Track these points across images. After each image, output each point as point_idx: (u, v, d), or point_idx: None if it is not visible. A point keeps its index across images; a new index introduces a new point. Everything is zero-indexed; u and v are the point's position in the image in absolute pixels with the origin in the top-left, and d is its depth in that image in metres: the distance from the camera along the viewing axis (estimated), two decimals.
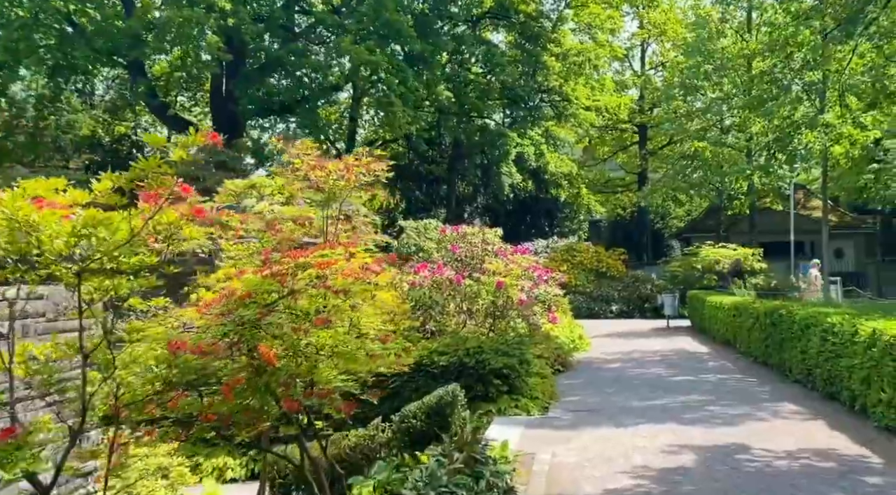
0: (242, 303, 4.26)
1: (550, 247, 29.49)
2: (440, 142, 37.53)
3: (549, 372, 11.88)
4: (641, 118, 39.17)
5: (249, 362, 4.25)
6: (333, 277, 4.71)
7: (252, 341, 4.18)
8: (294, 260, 4.48)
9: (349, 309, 5.40)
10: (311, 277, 4.51)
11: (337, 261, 4.59)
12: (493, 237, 16.22)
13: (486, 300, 13.28)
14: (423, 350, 9.79)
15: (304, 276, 4.45)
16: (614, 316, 25.56)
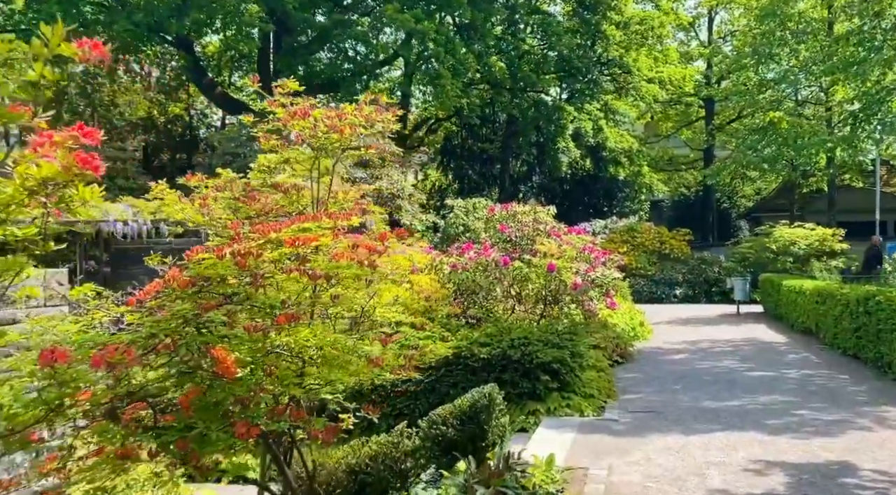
0: (184, 292, 3.19)
1: (609, 227, 27.94)
2: (494, 119, 36.15)
3: (607, 365, 10.63)
4: (708, 91, 36.86)
5: (198, 373, 3.18)
6: (315, 258, 3.60)
7: (193, 344, 3.10)
8: (264, 236, 3.37)
9: (355, 293, 4.32)
10: (282, 258, 3.41)
11: (319, 237, 3.46)
12: (545, 216, 14.96)
13: (537, 284, 12.08)
14: (462, 340, 8.68)
15: (273, 256, 3.34)
16: (678, 300, 23.96)
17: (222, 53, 33.43)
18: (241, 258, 3.17)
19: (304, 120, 4.69)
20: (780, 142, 25.94)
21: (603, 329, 12.14)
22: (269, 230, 3.39)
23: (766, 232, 21.96)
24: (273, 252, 3.30)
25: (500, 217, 15.13)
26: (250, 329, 3.17)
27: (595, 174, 36.32)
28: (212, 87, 26.95)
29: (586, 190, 37.08)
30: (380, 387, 8.37)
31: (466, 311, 10.86)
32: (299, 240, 3.30)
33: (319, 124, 4.76)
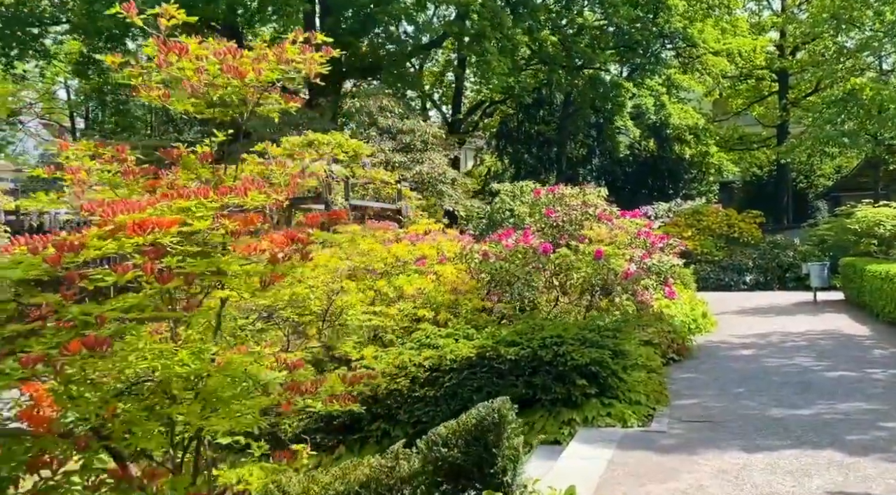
0: None
1: (673, 210, 26.32)
2: (551, 100, 34.73)
3: (659, 364, 9.42)
4: (781, 63, 34.50)
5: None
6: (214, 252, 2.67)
7: None
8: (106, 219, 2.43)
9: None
10: (123, 249, 2.47)
11: (170, 221, 2.49)
12: (594, 198, 13.73)
13: (583, 273, 10.94)
14: (488, 338, 7.67)
15: (111, 248, 2.40)
16: (748, 288, 22.26)
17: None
18: (56, 254, 2.24)
19: (184, 58, 3.65)
20: (861, 115, 23.84)
21: (657, 322, 10.91)
22: (121, 210, 2.44)
23: (846, 212, 20.06)
24: (114, 242, 2.35)
25: (546, 201, 13.99)
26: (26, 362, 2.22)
27: (659, 154, 34.52)
28: None
29: (650, 172, 35.31)
30: (395, 392, 7.46)
31: (499, 304, 9.82)
32: (148, 226, 2.34)
33: (207, 65, 3.73)
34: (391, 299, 8.42)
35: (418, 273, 9.11)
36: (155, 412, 2.44)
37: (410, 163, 16.07)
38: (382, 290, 8.50)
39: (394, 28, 23.52)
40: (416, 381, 7.47)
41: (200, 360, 2.45)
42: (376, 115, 16.41)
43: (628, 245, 13.67)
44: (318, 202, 11.23)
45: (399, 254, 8.90)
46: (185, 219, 2.52)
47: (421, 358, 7.53)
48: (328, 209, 11.15)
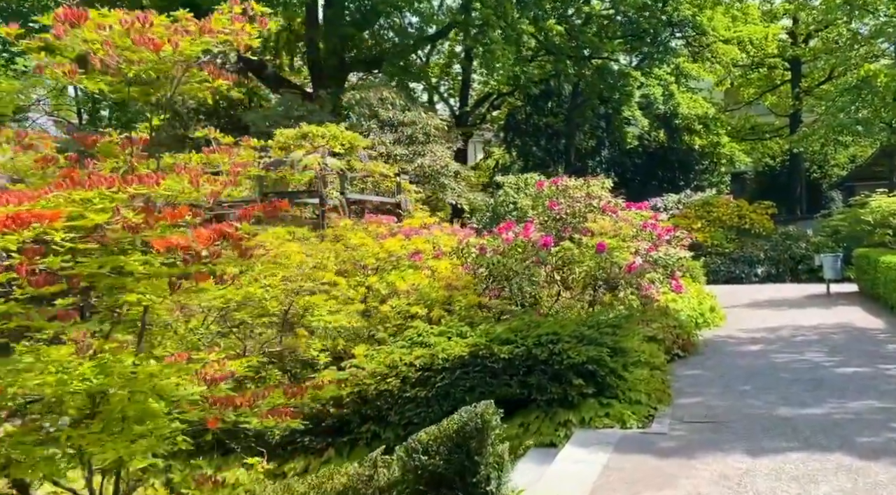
0: None
1: (683, 202, 25.86)
2: (559, 91, 34.27)
3: (663, 360, 9.10)
4: (794, 51, 33.82)
5: None
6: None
7: None
8: None
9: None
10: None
11: (53, 213, 2.20)
12: (598, 190, 13.38)
13: (585, 267, 10.61)
14: (481, 336, 7.37)
15: None
16: (759, 280, 21.84)
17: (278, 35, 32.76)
18: None
19: (84, 28, 3.24)
20: (875, 102, 23.28)
21: (662, 317, 10.57)
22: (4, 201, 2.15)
23: (860, 202, 19.58)
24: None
25: (550, 193, 13.66)
26: None
27: (669, 145, 34.01)
28: (262, 67, 26.25)
29: (660, 163, 34.81)
30: (385, 392, 7.18)
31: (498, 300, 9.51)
32: (27, 219, 2.05)
33: (113, 36, 3.33)
34: (383, 296, 8.14)
35: (413, 268, 8.83)
36: (50, 436, 2.16)
37: (412, 156, 15.76)
38: (374, 287, 8.23)
39: (398, 19, 23.19)
40: (406, 381, 7.19)
41: (106, 375, 2.16)
42: (377, 107, 16.09)
43: (634, 237, 13.34)
44: (313, 196, 10.96)
45: (392, 248, 8.62)
46: (82, 212, 2.24)
47: (412, 357, 7.25)
48: (322, 204, 10.88)
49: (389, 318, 8.05)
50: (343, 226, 8.88)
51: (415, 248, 8.86)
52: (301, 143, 10.75)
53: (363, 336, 8.05)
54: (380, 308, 7.94)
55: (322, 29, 21.87)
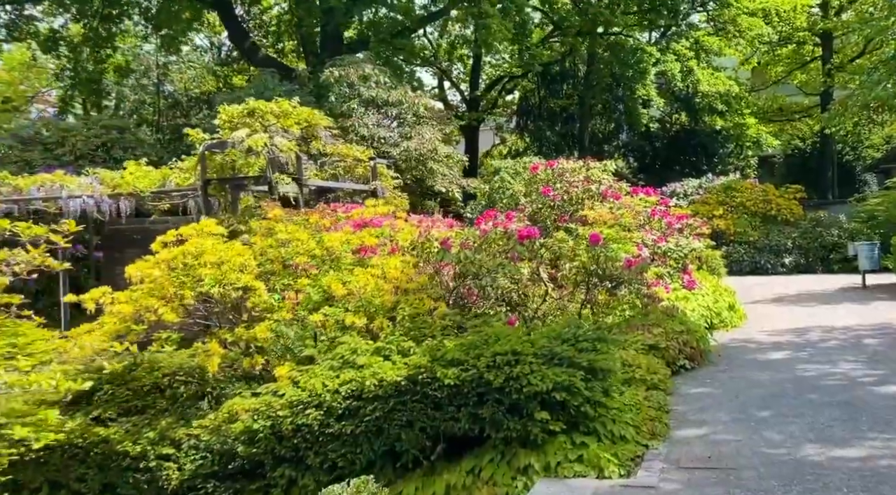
0: None
1: (704, 186, 24.04)
2: (575, 73, 32.48)
3: (664, 375, 7.52)
4: (825, 25, 31.59)
5: None
6: None
7: None
8: None
9: None
10: None
11: None
12: (599, 173, 11.84)
13: (578, 262, 9.07)
14: (424, 355, 5.86)
15: None
16: (787, 271, 20.02)
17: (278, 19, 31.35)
18: None
19: None
20: None
21: (667, 320, 8.96)
22: None
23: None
24: None
25: (544, 177, 12.13)
26: None
27: (691, 128, 32.08)
28: (255, 51, 24.87)
29: (681, 146, 32.88)
30: (304, 427, 5.72)
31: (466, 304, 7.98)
32: None
33: None
34: (315, 302, 6.67)
35: (360, 267, 7.35)
36: None
37: (399, 139, 14.26)
38: (305, 291, 6.76)
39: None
40: (331, 413, 5.73)
41: None
42: (358, 85, 14.60)
43: (641, 227, 11.78)
44: (261, 183, 9.51)
45: (331, 244, 7.13)
46: None
47: (337, 382, 5.78)
48: (272, 192, 9.43)
49: (325, 330, 6.57)
50: (272, 217, 7.42)
51: (360, 243, 7.36)
52: (247, 121, 9.28)
53: (295, 351, 6.59)
54: (309, 318, 6.47)
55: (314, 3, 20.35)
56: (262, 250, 6.91)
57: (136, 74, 32.28)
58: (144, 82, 33.63)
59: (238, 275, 6.40)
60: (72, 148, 14.19)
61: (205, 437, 6.14)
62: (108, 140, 14.76)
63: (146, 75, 33.59)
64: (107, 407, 6.79)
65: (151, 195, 10.77)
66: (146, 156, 14.78)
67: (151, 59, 33.14)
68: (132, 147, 14.78)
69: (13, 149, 14.15)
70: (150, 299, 6.35)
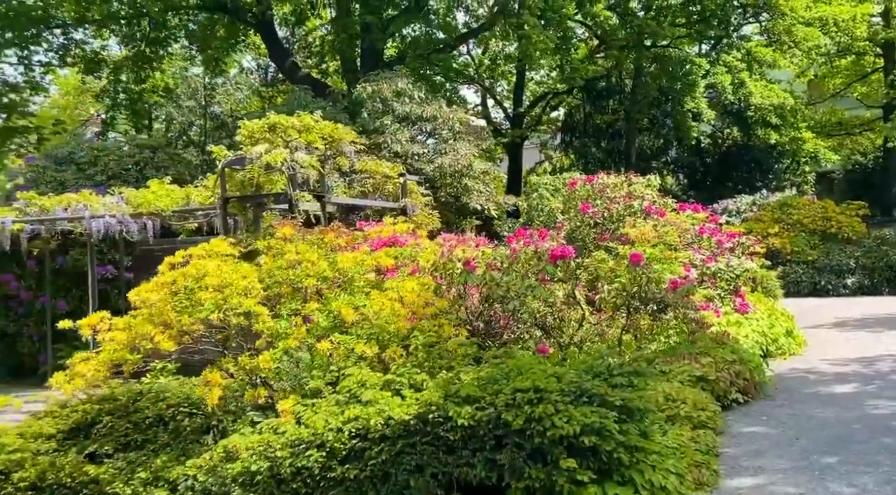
0: None
1: (758, 203, 22.92)
2: (621, 88, 31.67)
3: (713, 412, 6.73)
4: (887, 34, 30.16)
5: None
6: None
7: None
8: None
9: None
10: None
11: None
12: (642, 189, 11.14)
13: (617, 283, 8.37)
14: (436, 390, 5.25)
15: None
16: (850, 292, 18.76)
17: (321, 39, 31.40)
18: None
19: None
20: None
21: (717, 347, 8.15)
22: None
23: None
24: None
25: (583, 193, 11.46)
26: None
27: (744, 143, 30.86)
28: (295, 70, 24.79)
29: (733, 162, 31.64)
30: (304, 470, 5.15)
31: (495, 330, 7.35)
32: None
33: None
34: (324, 329, 6.12)
35: (376, 290, 6.79)
36: None
37: (433, 155, 13.75)
38: (313, 317, 6.23)
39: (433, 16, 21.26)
40: (334, 455, 5.13)
41: None
42: (391, 100, 14.16)
43: (689, 246, 10.99)
44: (281, 201, 9.07)
45: (344, 266, 6.59)
46: None
47: (341, 420, 5.20)
48: (292, 210, 8.97)
49: (335, 359, 6.02)
50: (282, 237, 6.93)
51: (375, 264, 6.81)
52: (267, 136, 8.88)
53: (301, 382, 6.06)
54: (317, 346, 5.92)
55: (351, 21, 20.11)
56: (269, 272, 6.41)
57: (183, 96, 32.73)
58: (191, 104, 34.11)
59: (240, 300, 5.89)
60: (104, 167, 14.07)
61: (201, 478, 5.61)
62: (140, 159, 14.63)
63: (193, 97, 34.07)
64: (104, 441, 6.32)
65: (173, 214, 10.45)
66: (180, 175, 14.61)
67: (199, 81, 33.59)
68: (165, 166, 14.59)
69: (47, 169, 14.09)
70: (147, 326, 5.88)
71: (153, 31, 25.08)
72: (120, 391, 6.97)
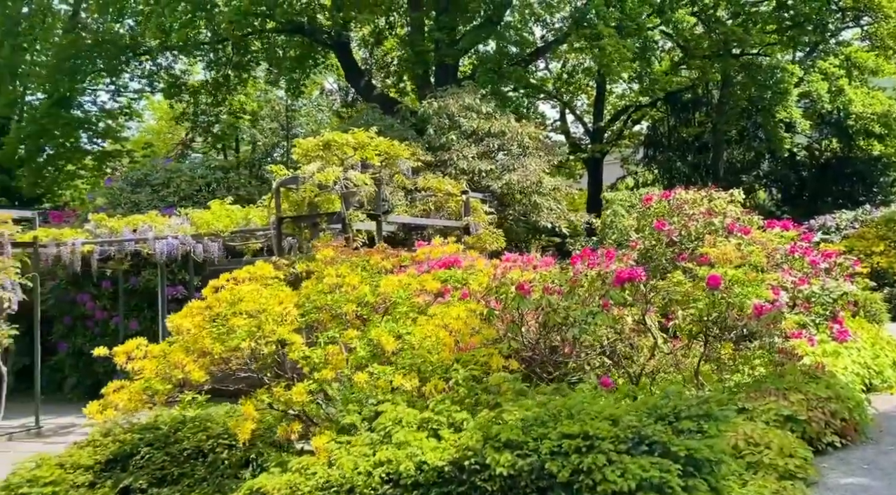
0: None
1: (860, 219, 21.21)
2: (708, 99, 30.32)
3: (805, 458, 5.88)
4: None
5: None
6: None
7: None
8: None
9: None
10: None
11: None
12: (724, 204, 10.26)
13: (694, 309, 7.62)
14: (475, 431, 4.70)
15: None
16: None
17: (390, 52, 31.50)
18: None
19: None
20: None
21: (809, 382, 7.25)
22: None
23: None
24: None
25: (658, 210, 10.68)
26: None
27: (844, 154, 28.87)
28: (370, 89, 24.84)
29: (832, 175, 29.64)
30: None
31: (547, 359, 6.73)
32: None
33: None
34: (361, 359, 5.69)
35: (424, 315, 6.32)
36: None
37: (501, 171, 13.24)
38: (351, 345, 5.80)
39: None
40: None
41: None
42: (457, 115, 13.75)
43: (778, 266, 10.02)
44: (334, 221, 8.76)
45: (387, 290, 6.14)
46: None
47: (370, 463, 4.72)
48: (345, 230, 8.64)
49: (374, 391, 5.57)
50: (320, 258, 6.56)
51: (419, 288, 6.33)
52: (321, 154, 8.60)
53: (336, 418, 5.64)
54: (354, 377, 5.49)
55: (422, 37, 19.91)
56: (307, 296, 6.04)
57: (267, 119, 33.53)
58: (274, 126, 34.92)
59: (274, 327, 5.53)
60: (176, 188, 14.25)
61: None
62: (213, 180, 14.75)
63: (276, 119, 34.87)
64: (140, 474, 6.07)
65: (232, 235, 10.33)
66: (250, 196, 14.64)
67: (281, 104, 34.36)
68: (235, 187, 14.65)
69: (123, 191, 14.38)
70: (180, 354, 5.60)
71: (236, 55, 25.73)
72: (163, 419, 6.75)
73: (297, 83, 27.59)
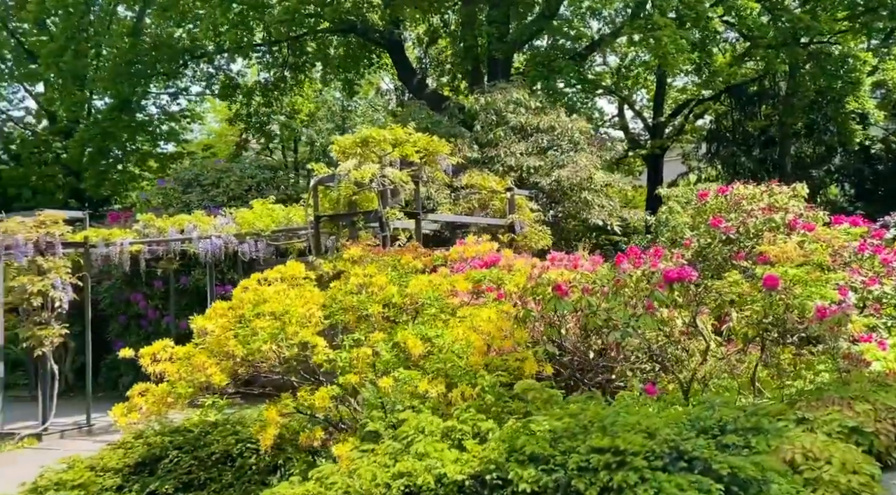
0: None
1: None
2: (775, 92, 29.07)
3: (868, 476, 5.34)
4: None
5: None
6: None
7: None
8: None
9: None
10: None
11: None
12: (785, 199, 9.68)
13: (749, 311, 7.13)
14: (500, 443, 4.39)
15: None
16: None
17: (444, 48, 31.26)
18: None
19: None
20: None
21: (878, 391, 6.65)
22: None
23: None
24: None
25: (715, 206, 10.16)
26: None
27: None
28: (423, 87, 24.67)
29: None
30: None
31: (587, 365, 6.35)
32: None
33: None
34: (386, 363, 5.44)
35: (455, 317, 6.04)
36: None
37: (550, 168, 12.82)
38: (377, 348, 5.56)
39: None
40: None
41: None
42: (504, 111, 13.40)
43: (846, 265, 9.36)
44: (372, 219, 8.55)
45: (415, 290, 5.88)
46: None
47: (388, 475, 4.46)
48: (383, 229, 8.42)
49: (401, 397, 5.32)
50: (348, 258, 6.34)
51: (450, 288, 6.05)
52: (359, 151, 8.42)
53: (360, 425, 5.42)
54: (378, 382, 5.25)
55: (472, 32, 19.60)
56: (333, 297, 5.83)
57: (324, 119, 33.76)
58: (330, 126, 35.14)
59: (296, 329, 5.34)
60: (226, 188, 14.34)
61: None
62: (261, 179, 14.79)
63: (332, 120, 35.09)
64: (167, 478, 5.97)
65: (273, 234, 10.25)
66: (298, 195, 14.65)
67: (337, 104, 34.57)
68: (284, 186, 14.67)
69: (175, 191, 14.56)
70: (203, 357, 5.46)
71: (292, 57, 25.95)
72: (194, 421, 6.67)
73: (351, 83, 27.67)
